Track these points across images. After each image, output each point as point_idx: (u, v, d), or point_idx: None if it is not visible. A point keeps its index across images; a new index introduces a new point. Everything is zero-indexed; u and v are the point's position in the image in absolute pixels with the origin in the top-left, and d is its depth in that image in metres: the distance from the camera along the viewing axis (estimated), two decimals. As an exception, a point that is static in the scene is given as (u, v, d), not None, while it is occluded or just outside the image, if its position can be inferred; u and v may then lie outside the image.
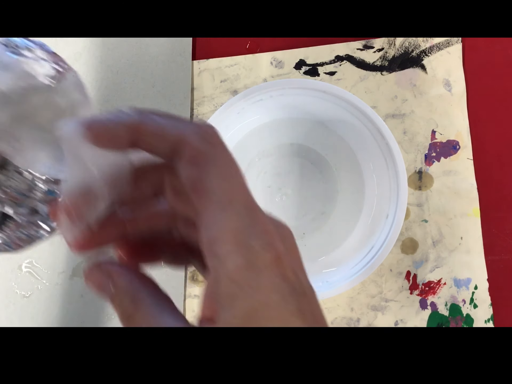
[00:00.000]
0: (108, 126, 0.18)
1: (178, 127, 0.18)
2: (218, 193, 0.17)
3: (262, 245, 0.17)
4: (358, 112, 0.40)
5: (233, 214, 0.17)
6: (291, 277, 0.17)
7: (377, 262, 0.39)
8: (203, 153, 0.17)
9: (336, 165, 0.45)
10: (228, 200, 0.17)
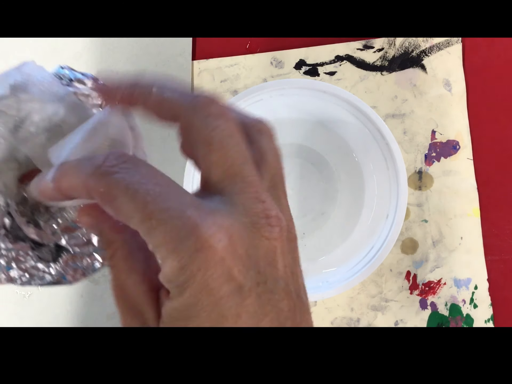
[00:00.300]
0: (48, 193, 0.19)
1: (79, 175, 0.18)
2: (135, 215, 0.17)
3: (194, 246, 0.16)
4: (358, 112, 0.40)
5: (157, 226, 0.16)
6: (237, 276, 0.16)
7: (377, 262, 0.39)
8: (102, 193, 0.17)
9: (336, 165, 0.45)
10: (146, 216, 0.16)
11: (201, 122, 0.18)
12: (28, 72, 0.20)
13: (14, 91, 0.19)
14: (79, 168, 0.18)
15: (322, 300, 0.45)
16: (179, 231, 0.16)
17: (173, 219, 0.16)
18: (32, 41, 0.49)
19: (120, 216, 0.17)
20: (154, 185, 0.17)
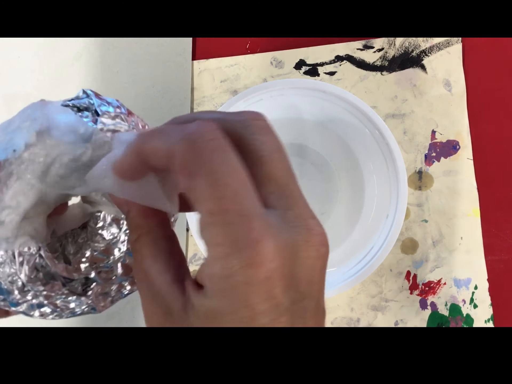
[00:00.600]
0: (125, 161, 0.19)
1: (166, 140, 0.17)
2: (208, 204, 0.16)
3: (247, 260, 0.16)
4: (358, 112, 0.40)
5: (223, 224, 0.16)
6: (278, 296, 0.17)
7: (377, 262, 0.39)
8: (186, 162, 0.17)
9: (336, 165, 0.45)
10: (219, 211, 0.16)
11: (249, 138, 0.18)
12: (52, 116, 0.20)
13: (40, 137, 0.19)
14: (169, 131, 0.18)
15: (322, 300, 0.45)
16: (240, 239, 0.16)
17: (241, 224, 0.16)
18: (32, 41, 0.49)
19: (191, 193, 0.17)
20: (236, 180, 0.16)
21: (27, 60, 0.49)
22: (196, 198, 0.17)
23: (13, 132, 0.20)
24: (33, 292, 0.22)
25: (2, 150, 0.19)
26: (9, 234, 0.20)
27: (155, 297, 0.18)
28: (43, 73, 0.49)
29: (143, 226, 0.20)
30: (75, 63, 0.49)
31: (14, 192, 0.19)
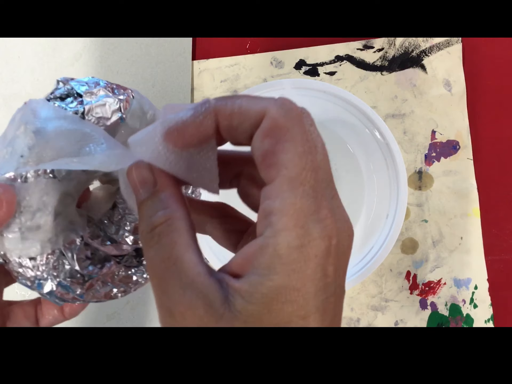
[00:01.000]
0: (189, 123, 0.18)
1: (259, 102, 0.18)
2: (291, 169, 0.16)
3: (320, 234, 0.16)
4: (358, 112, 0.40)
5: (301, 194, 0.16)
6: (331, 275, 0.17)
7: (377, 262, 0.39)
8: (281, 126, 0.17)
9: (336, 165, 0.45)
10: (299, 178, 0.16)
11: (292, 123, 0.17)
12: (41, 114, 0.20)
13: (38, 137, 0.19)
14: (258, 97, 0.18)
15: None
16: (313, 211, 0.16)
17: (314, 198, 0.16)
18: (32, 41, 0.49)
19: (273, 157, 0.17)
20: (320, 158, 0.17)
21: (27, 60, 0.49)
22: (280, 163, 0.16)
23: (12, 141, 0.20)
24: (94, 279, 0.22)
25: (8, 162, 0.20)
26: (50, 234, 0.21)
27: (190, 287, 0.17)
28: (43, 73, 0.49)
29: (176, 210, 0.18)
30: (75, 63, 0.49)
31: (37, 195, 0.20)
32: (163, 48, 0.48)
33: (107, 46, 0.49)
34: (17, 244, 0.20)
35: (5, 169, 0.20)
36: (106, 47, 0.49)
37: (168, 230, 0.18)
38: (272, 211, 0.17)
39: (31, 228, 0.20)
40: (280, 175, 0.17)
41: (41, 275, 0.21)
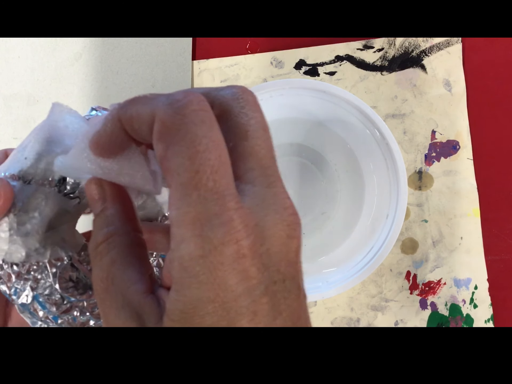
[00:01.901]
0: (102, 134, 0.18)
1: (150, 103, 0.16)
2: (182, 174, 0.15)
3: (222, 239, 0.15)
4: (358, 112, 0.40)
5: (195, 200, 0.15)
6: (255, 276, 0.16)
7: (377, 262, 0.39)
8: (169, 127, 0.16)
9: (336, 165, 0.45)
10: (192, 183, 0.15)
11: (238, 112, 0.17)
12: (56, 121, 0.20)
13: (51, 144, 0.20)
14: (153, 97, 0.17)
15: (322, 300, 0.45)
16: (212, 215, 0.15)
17: (214, 202, 0.15)
18: (32, 41, 0.49)
19: (167, 162, 0.16)
20: (216, 156, 0.15)
21: (27, 60, 0.49)
22: (172, 168, 0.15)
23: (24, 144, 0.20)
24: (73, 304, 0.22)
25: (16, 162, 0.20)
26: (37, 244, 0.20)
27: (125, 308, 0.17)
28: (43, 73, 0.49)
29: (118, 227, 0.18)
30: (75, 63, 0.49)
31: (36, 201, 0.20)
32: (163, 48, 0.48)
33: (107, 46, 0.49)
34: (3, 245, 0.20)
35: (12, 168, 0.20)
36: (106, 47, 0.49)
37: (108, 248, 0.17)
38: (172, 222, 0.16)
39: (21, 232, 0.20)
40: (173, 182, 0.15)
41: (20, 282, 0.20)
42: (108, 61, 0.49)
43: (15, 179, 0.20)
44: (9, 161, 0.20)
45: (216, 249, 0.15)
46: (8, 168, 0.20)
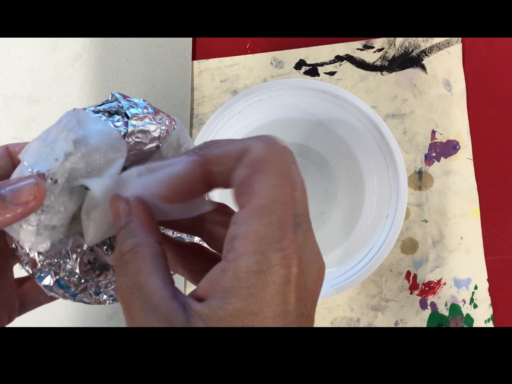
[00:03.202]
0: (181, 184, 0.19)
1: (243, 141, 0.19)
2: (261, 198, 0.17)
3: (279, 261, 0.17)
4: (358, 112, 0.40)
5: (266, 223, 0.17)
6: (292, 302, 0.17)
7: (377, 262, 0.39)
8: (261, 158, 0.18)
9: (336, 165, 0.45)
10: (268, 208, 0.17)
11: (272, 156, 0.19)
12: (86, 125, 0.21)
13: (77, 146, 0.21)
14: (235, 140, 0.19)
15: (322, 300, 0.45)
16: (275, 240, 0.17)
17: (279, 229, 0.17)
18: (32, 41, 0.49)
19: (248, 186, 0.17)
20: (290, 195, 0.18)
21: (27, 60, 0.49)
22: (253, 192, 0.17)
23: (52, 143, 0.21)
24: (89, 283, 0.24)
25: (44, 161, 0.21)
26: (62, 235, 0.22)
27: (152, 312, 0.18)
28: (43, 73, 0.49)
29: (144, 237, 0.19)
30: (75, 63, 0.49)
31: (62, 198, 0.21)
32: (163, 48, 0.48)
33: (107, 46, 0.49)
34: (30, 237, 0.21)
35: (40, 166, 0.21)
36: (106, 47, 0.49)
37: (134, 257, 0.19)
38: (236, 236, 0.17)
39: (47, 227, 0.21)
40: (250, 203, 0.17)
41: (44, 269, 0.22)
42: (108, 61, 0.49)
43: (43, 177, 0.20)
44: (35, 156, 0.21)
45: (272, 268, 0.17)
46: (35, 164, 0.21)
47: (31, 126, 0.49)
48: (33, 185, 0.20)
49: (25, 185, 0.20)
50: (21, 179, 0.20)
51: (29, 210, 0.20)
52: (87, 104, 0.48)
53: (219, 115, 0.40)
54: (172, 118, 0.23)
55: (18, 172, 0.21)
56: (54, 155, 0.21)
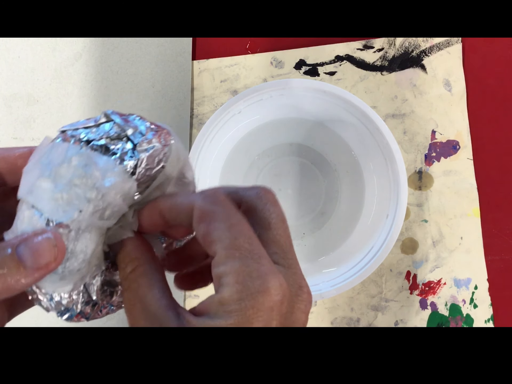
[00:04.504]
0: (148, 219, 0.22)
1: (188, 198, 0.21)
2: (224, 240, 0.19)
3: (258, 288, 0.19)
4: (358, 112, 0.40)
5: (238, 257, 0.19)
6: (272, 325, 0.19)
7: (377, 262, 0.39)
8: (208, 211, 0.20)
9: (336, 165, 0.45)
10: (233, 246, 0.19)
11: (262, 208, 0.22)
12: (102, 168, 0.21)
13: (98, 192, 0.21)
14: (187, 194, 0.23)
15: (322, 300, 0.45)
16: (252, 270, 0.19)
17: (252, 260, 0.19)
18: (32, 41, 0.49)
19: (209, 236, 0.20)
20: (247, 229, 0.20)
21: (27, 60, 0.49)
22: (215, 239, 0.20)
23: (69, 188, 0.20)
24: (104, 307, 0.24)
25: (64, 211, 0.20)
26: (84, 274, 0.22)
27: (151, 319, 0.20)
28: (43, 73, 0.49)
29: (140, 258, 0.22)
30: (75, 63, 0.49)
31: (85, 242, 0.21)
32: (163, 48, 0.48)
33: (107, 46, 0.49)
34: (54, 283, 0.21)
35: (59, 216, 0.20)
36: (106, 47, 0.49)
37: (134, 276, 0.21)
38: (219, 275, 0.19)
39: (72, 271, 0.21)
40: (218, 248, 0.20)
41: (65, 307, 0.22)
42: (108, 61, 0.49)
43: (63, 227, 0.20)
44: (49, 202, 0.20)
45: (252, 295, 0.19)
46: (52, 213, 0.20)
47: (31, 126, 0.48)
48: (54, 246, 0.19)
49: (45, 246, 0.19)
50: (38, 234, 0.19)
51: (48, 272, 0.20)
52: (87, 104, 0.48)
53: (219, 115, 0.40)
54: (167, 130, 0.23)
55: (30, 221, 0.20)
56: (76, 205, 0.20)
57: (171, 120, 0.47)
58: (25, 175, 0.21)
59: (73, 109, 0.48)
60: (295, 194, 0.46)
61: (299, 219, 0.45)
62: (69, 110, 0.48)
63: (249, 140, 0.45)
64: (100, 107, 0.48)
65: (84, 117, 0.48)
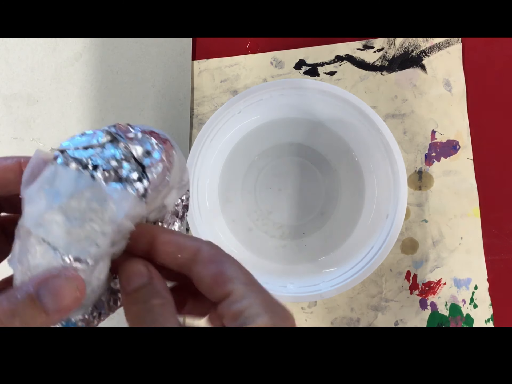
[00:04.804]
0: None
1: (194, 240, 0.22)
2: (242, 278, 0.21)
3: (285, 314, 0.21)
4: (358, 112, 0.40)
5: (257, 290, 0.21)
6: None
7: (377, 262, 0.39)
8: (217, 253, 0.22)
9: (336, 165, 0.45)
10: (250, 282, 0.21)
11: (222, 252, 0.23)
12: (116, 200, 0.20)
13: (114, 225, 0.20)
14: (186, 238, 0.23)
15: (322, 300, 0.45)
16: (272, 300, 0.21)
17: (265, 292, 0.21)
18: (32, 41, 0.49)
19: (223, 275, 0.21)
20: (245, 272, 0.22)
21: (27, 60, 0.49)
22: (230, 277, 0.21)
23: (85, 223, 0.19)
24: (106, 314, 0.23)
25: (81, 246, 0.19)
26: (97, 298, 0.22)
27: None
28: (43, 73, 0.49)
29: (166, 297, 0.22)
30: (75, 63, 0.49)
31: (98, 270, 0.21)
32: (163, 48, 0.48)
33: (107, 46, 0.49)
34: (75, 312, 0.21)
35: (76, 251, 0.19)
36: (106, 47, 0.49)
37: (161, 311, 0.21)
38: (242, 309, 0.20)
39: (88, 299, 0.21)
40: (236, 284, 0.21)
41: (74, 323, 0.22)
42: (108, 61, 0.48)
43: (81, 262, 0.19)
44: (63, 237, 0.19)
45: (283, 320, 0.21)
46: (68, 249, 0.19)
47: (31, 126, 0.49)
48: (75, 288, 0.19)
49: (66, 287, 0.19)
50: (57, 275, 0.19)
51: (69, 313, 0.20)
52: (87, 104, 0.48)
53: (219, 115, 0.40)
54: (169, 143, 0.22)
55: (43, 256, 0.19)
56: (93, 239, 0.19)
57: (171, 120, 0.47)
58: (29, 204, 0.19)
59: (73, 109, 0.48)
60: (295, 194, 0.46)
61: (299, 219, 0.45)
62: (69, 110, 0.48)
63: (249, 140, 0.45)
64: (100, 107, 0.48)
65: (84, 117, 0.48)
